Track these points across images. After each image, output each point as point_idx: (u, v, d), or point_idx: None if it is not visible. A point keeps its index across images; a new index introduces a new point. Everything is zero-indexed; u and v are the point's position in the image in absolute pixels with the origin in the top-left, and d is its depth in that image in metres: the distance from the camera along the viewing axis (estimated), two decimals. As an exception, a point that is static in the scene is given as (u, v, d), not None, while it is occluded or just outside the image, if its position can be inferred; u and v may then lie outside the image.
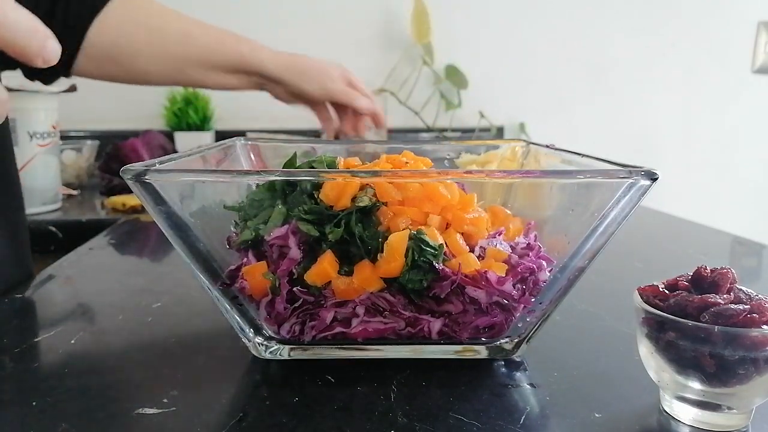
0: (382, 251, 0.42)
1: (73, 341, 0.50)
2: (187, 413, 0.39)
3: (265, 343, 0.46)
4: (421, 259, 0.42)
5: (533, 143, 0.62)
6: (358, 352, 0.46)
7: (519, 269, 0.44)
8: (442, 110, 1.68)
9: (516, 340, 0.47)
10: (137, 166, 0.39)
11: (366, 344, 0.45)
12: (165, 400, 0.40)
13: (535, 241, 0.48)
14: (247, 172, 0.51)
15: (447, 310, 0.44)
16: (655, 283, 0.40)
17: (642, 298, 0.40)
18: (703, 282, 0.39)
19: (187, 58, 0.77)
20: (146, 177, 0.38)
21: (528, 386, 0.43)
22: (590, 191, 0.43)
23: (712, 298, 0.37)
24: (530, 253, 0.46)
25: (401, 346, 0.46)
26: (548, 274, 0.45)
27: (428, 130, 1.68)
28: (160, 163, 0.41)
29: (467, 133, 1.70)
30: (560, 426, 0.39)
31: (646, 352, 0.39)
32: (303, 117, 1.70)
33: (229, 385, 0.43)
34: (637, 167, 0.40)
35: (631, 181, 0.39)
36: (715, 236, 0.94)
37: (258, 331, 0.46)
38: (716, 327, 0.35)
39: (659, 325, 0.38)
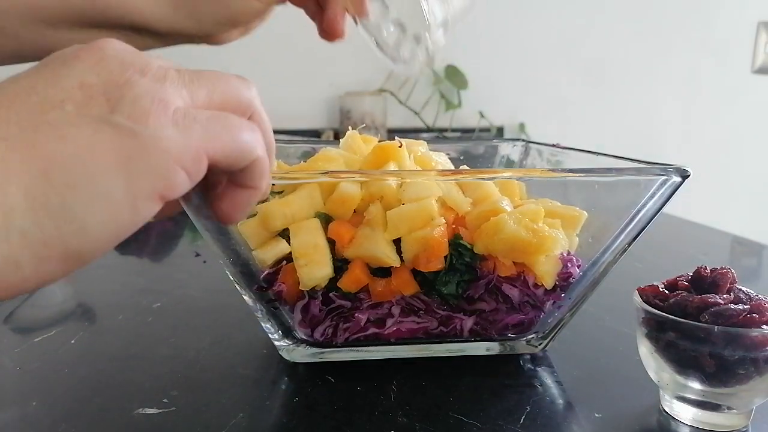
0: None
1: (73, 341, 0.50)
2: (187, 413, 0.39)
3: (293, 346, 0.46)
4: (459, 262, 0.43)
5: (536, 143, 0.62)
6: (376, 353, 0.46)
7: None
8: (442, 110, 1.68)
9: (541, 336, 0.47)
10: None
11: (394, 344, 0.46)
12: (165, 400, 0.40)
13: None
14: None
15: (479, 308, 0.45)
16: (655, 283, 0.41)
17: (642, 298, 0.40)
18: (703, 282, 0.39)
19: (14, 7, 0.46)
20: None
21: (528, 386, 0.43)
22: (614, 189, 0.44)
23: (712, 298, 0.37)
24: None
25: (423, 345, 0.46)
26: (578, 270, 0.45)
27: (428, 130, 1.68)
28: None
29: (467, 133, 1.70)
30: (560, 426, 0.38)
31: (646, 352, 0.39)
32: (303, 117, 1.70)
33: (229, 385, 0.43)
34: (670, 164, 0.41)
35: (665, 177, 0.40)
36: (715, 236, 0.94)
37: (287, 334, 0.45)
38: (716, 327, 0.35)
39: (659, 325, 0.38)
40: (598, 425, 0.38)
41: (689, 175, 0.40)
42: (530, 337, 0.47)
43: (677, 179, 0.40)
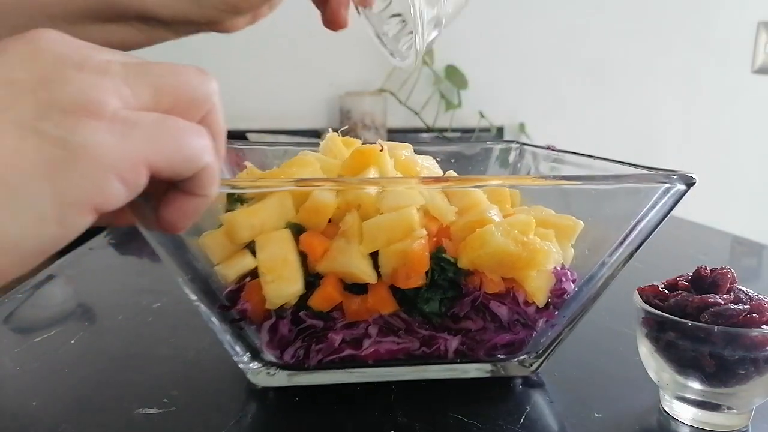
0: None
1: (73, 341, 0.50)
2: (187, 413, 0.39)
3: (263, 368, 0.42)
4: (442, 277, 0.39)
5: (528, 144, 0.61)
6: (358, 375, 0.43)
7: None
8: (442, 110, 1.68)
9: (534, 356, 0.44)
10: None
11: (373, 366, 0.42)
12: (165, 400, 0.40)
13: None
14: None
15: (466, 327, 0.41)
16: (655, 283, 0.40)
17: (642, 298, 0.40)
18: (703, 282, 0.39)
19: (30, 5, 0.50)
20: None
21: (528, 386, 0.43)
22: (613, 198, 0.40)
23: (712, 298, 0.37)
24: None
25: (408, 367, 0.43)
26: (573, 285, 0.42)
27: (428, 130, 1.68)
28: None
29: (467, 133, 1.70)
30: (560, 426, 0.39)
31: (646, 352, 0.39)
32: (303, 117, 1.70)
33: (230, 385, 0.43)
34: (673, 171, 0.38)
35: (668, 185, 0.37)
36: (715, 236, 0.94)
37: (255, 355, 0.42)
38: (716, 327, 0.35)
39: (659, 325, 0.38)
40: (598, 425, 0.38)
41: (695, 183, 0.37)
42: (522, 357, 0.44)
43: (681, 187, 0.37)
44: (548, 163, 0.56)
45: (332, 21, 0.49)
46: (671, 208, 0.38)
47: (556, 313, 0.42)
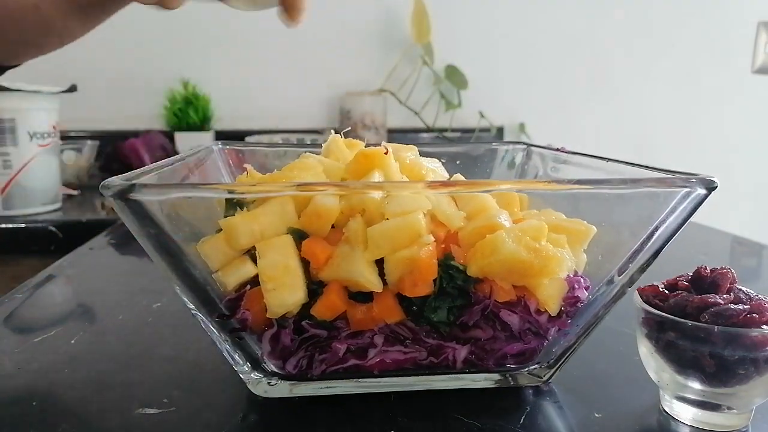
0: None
1: (73, 341, 0.50)
2: (187, 413, 0.39)
3: (264, 378, 0.41)
4: (450, 285, 0.38)
5: (537, 146, 0.60)
6: (363, 385, 0.42)
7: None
8: (442, 110, 1.68)
9: (546, 366, 0.43)
10: (119, 180, 0.32)
11: (378, 376, 0.41)
12: (165, 400, 0.40)
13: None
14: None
15: (475, 337, 0.40)
16: (655, 283, 0.40)
17: (642, 298, 0.40)
18: (703, 282, 0.39)
19: None
20: (133, 194, 0.31)
21: (528, 386, 0.43)
22: (629, 202, 0.39)
23: (712, 298, 0.37)
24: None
25: (414, 377, 0.42)
26: (586, 293, 0.40)
27: (428, 130, 1.68)
28: (141, 175, 0.35)
29: (467, 133, 1.70)
30: (560, 426, 0.39)
31: (646, 352, 0.39)
32: (303, 117, 1.70)
33: (229, 384, 0.43)
34: (693, 174, 0.36)
35: (687, 190, 0.36)
36: (715, 236, 0.94)
37: (256, 365, 0.41)
38: (716, 327, 0.35)
39: (659, 325, 0.38)
40: (598, 425, 0.38)
41: (716, 187, 0.36)
42: (533, 367, 0.43)
43: (702, 191, 0.36)
44: (557, 165, 0.54)
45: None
46: (691, 214, 0.37)
47: (569, 321, 0.41)
